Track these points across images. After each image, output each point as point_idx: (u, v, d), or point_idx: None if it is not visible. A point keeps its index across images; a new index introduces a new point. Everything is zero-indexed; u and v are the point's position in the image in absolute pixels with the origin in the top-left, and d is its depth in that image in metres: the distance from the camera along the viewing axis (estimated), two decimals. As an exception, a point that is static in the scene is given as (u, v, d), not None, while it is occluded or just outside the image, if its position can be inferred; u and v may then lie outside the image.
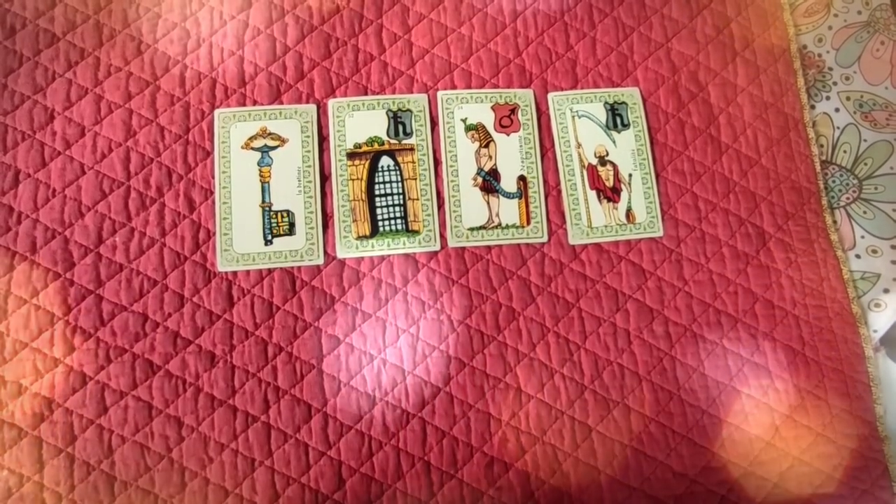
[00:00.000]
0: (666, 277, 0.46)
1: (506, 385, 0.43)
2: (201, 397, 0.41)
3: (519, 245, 0.45)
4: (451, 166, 0.46)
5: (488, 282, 0.44)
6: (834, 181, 0.50)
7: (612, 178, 0.47)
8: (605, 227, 0.46)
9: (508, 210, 0.46)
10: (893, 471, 0.44)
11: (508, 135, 0.47)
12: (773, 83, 0.51)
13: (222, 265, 0.43)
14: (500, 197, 0.46)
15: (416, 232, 0.45)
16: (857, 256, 0.48)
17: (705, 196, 0.48)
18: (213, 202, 0.44)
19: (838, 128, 0.51)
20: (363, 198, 0.45)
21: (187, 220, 0.43)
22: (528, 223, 0.46)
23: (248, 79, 0.46)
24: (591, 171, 0.47)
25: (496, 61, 0.48)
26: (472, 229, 0.45)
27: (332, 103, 0.46)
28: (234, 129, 0.45)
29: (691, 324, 0.45)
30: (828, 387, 0.45)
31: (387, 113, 0.46)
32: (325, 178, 0.45)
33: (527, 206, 0.46)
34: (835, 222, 0.49)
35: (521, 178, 0.47)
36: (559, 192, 0.47)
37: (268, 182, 0.44)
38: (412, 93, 0.47)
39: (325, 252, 0.44)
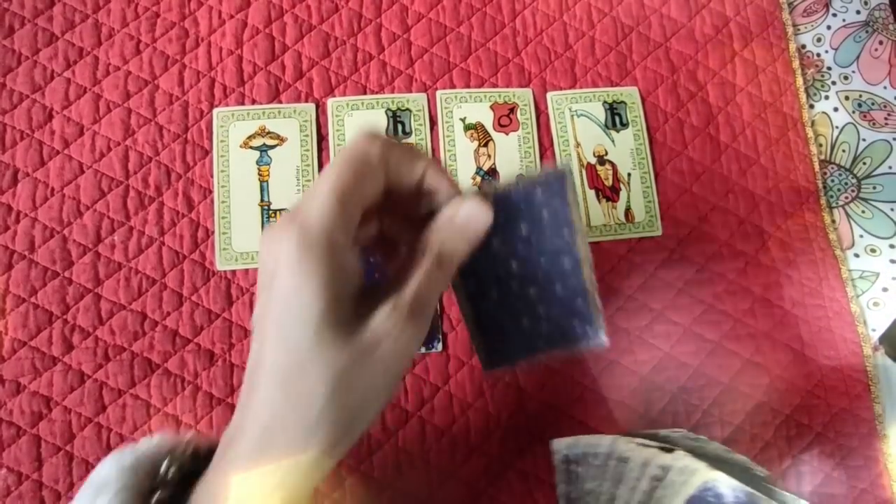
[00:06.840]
0: (665, 276, 0.46)
1: (505, 384, 0.43)
2: (200, 395, 0.41)
3: (518, 244, 0.45)
4: (450, 165, 0.46)
5: (487, 281, 0.44)
6: (833, 180, 0.50)
7: (610, 178, 0.47)
8: (605, 226, 0.46)
9: (507, 209, 0.46)
10: (892, 469, 0.44)
11: (507, 134, 0.47)
12: (771, 83, 0.51)
13: (221, 264, 0.43)
14: (499, 196, 0.46)
15: (415, 231, 0.44)
16: (856, 255, 0.48)
17: (704, 195, 0.48)
18: (212, 201, 0.43)
19: (837, 127, 0.51)
20: (362, 197, 0.45)
21: (186, 218, 0.43)
22: (527, 222, 0.46)
23: (246, 78, 0.46)
24: (590, 170, 0.47)
25: (495, 60, 0.48)
26: (470, 228, 0.45)
27: (331, 102, 0.46)
28: (232, 128, 0.45)
29: (690, 323, 0.45)
30: (827, 386, 0.45)
31: (386, 112, 0.46)
32: (323, 177, 0.45)
33: (526, 206, 0.46)
34: (833, 221, 0.49)
35: (520, 178, 0.46)
36: (558, 191, 0.47)
37: (266, 181, 0.44)
38: (411, 92, 0.47)
39: (324, 251, 0.44)
